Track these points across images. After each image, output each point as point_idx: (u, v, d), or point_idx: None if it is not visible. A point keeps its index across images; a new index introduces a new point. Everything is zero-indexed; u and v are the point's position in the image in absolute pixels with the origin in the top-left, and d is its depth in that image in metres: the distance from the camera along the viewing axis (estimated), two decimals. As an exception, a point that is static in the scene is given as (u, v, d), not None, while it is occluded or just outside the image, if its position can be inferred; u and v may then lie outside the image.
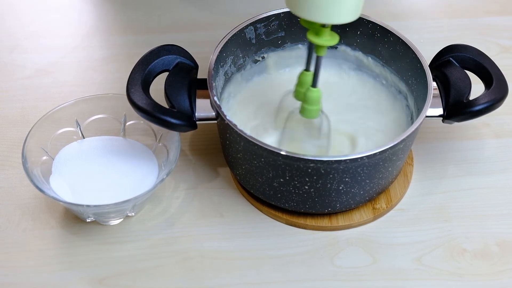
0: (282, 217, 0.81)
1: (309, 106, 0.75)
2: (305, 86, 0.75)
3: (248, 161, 0.76)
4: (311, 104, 0.75)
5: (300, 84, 0.77)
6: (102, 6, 1.11)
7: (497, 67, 0.81)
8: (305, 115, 0.76)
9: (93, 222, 0.79)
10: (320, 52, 0.71)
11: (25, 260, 0.77)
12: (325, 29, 0.70)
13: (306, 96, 0.74)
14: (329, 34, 0.70)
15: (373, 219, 0.81)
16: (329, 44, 0.70)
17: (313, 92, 0.74)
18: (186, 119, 0.76)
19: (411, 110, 0.83)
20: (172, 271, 0.76)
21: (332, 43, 0.70)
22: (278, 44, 0.88)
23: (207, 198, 0.83)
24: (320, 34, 0.70)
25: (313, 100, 0.74)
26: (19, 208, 0.81)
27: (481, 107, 0.77)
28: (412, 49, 0.81)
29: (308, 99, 0.74)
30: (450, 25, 1.08)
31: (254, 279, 0.76)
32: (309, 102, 0.75)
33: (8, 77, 0.98)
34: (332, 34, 0.71)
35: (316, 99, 0.74)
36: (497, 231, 0.80)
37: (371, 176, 0.75)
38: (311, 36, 0.70)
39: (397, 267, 0.77)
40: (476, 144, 0.90)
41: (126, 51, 1.02)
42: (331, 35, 0.70)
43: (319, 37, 0.70)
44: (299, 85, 0.77)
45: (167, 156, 0.80)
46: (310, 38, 0.70)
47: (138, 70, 0.78)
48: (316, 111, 0.75)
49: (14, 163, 0.85)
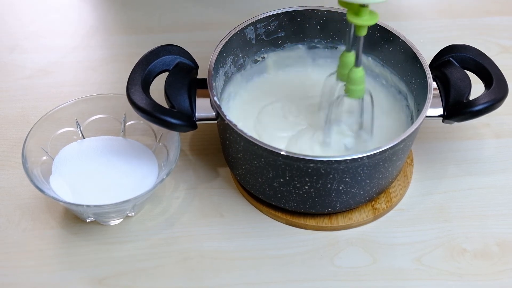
0: (282, 217, 0.81)
1: (354, 86, 0.75)
2: (347, 67, 0.76)
3: (248, 161, 0.76)
4: (356, 84, 0.75)
5: (342, 65, 0.77)
6: (102, 6, 1.11)
7: (497, 67, 0.81)
8: (351, 95, 0.76)
9: (93, 222, 0.79)
10: (360, 32, 0.71)
11: (25, 260, 0.77)
12: (364, 8, 0.69)
13: (350, 77, 0.75)
14: (369, 13, 0.70)
15: (373, 219, 0.81)
16: (369, 23, 0.70)
17: (357, 72, 0.74)
18: (186, 119, 0.76)
19: (411, 110, 0.83)
20: (172, 271, 0.76)
21: (372, 23, 0.70)
22: (278, 44, 0.88)
23: (207, 198, 0.83)
24: (360, 14, 0.70)
25: (358, 80, 0.75)
26: (19, 208, 0.81)
27: (481, 107, 0.77)
28: (412, 49, 0.81)
29: (352, 79, 0.75)
30: (450, 25, 1.08)
31: (254, 279, 0.76)
32: (353, 82, 0.75)
33: (8, 77, 0.98)
34: (372, 13, 0.70)
35: (360, 79, 0.75)
36: (497, 231, 0.80)
37: (371, 176, 0.75)
38: (351, 16, 0.70)
39: (397, 267, 0.77)
40: (476, 144, 0.90)
41: (126, 51, 1.02)
42: (370, 14, 0.70)
43: (359, 17, 0.70)
44: (341, 67, 0.77)
45: (167, 156, 0.80)
46: (349, 18, 0.70)
47: (138, 70, 0.78)
48: (362, 90, 0.76)
49: (14, 163, 0.85)
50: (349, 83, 0.75)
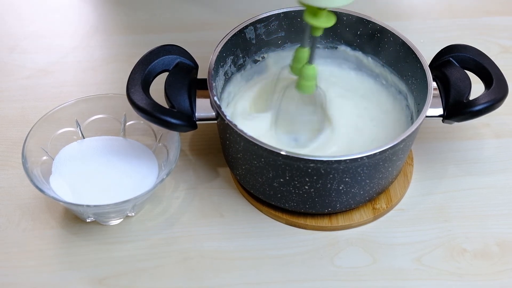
0: (282, 217, 0.81)
1: (305, 81, 0.76)
2: (301, 62, 0.77)
3: (248, 161, 0.76)
4: (307, 80, 0.76)
5: (296, 60, 0.78)
6: (102, 6, 1.11)
7: (497, 67, 0.81)
8: (302, 90, 0.77)
9: (93, 222, 0.79)
10: (316, 33, 0.72)
11: (25, 260, 0.77)
12: (322, 10, 0.70)
13: (302, 72, 0.76)
14: (326, 15, 0.71)
15: (373, 219, 0.81)
16: (325, 26, 0.71)
17: (309, 69, 0.76)
18: (186, 119, 0.76)
19: (411, 110, 0.83)
20: (172, 271, 0.76)
21: (328, 25, 0.71)
22: (278, 44, 0.88)
23: (207, 198, 0.83)
24: (317, 15, 0.70)
25: (309, 76, 0.76)
26: (19, 208, 0.81)
27: (481, 107, 0.77)
28: (412, 49, 0.81)
29: (304, 75, 0.76)
30: (450, 25, 1.08)
31: (254, 279, 0.76)
32: (305, 78, 0.76)
33: (8, 77, 0.98)
34: (329, 16, 0.71)
35: (312, 75, 0.76)
36: (497, 231, 0.80)
37: (371, 176, 0.75)
38: (308, 17, 0.71)
39: (397, 267, 0.77)
40: (476, 144, 0.90)
41: (126, 51, 1.02)
42: (327, 16, 0.71)
43: (316, 19, 0.71)
44: (295, 61, 0.78)
45: (167, 156, 0.80)
46: (306, 19, 0.71)
47: (138, 70, 0.78)
48: (312, 86, 0.77)
49: (14, 163, 0.85)
50: (301, 78, 0.76)
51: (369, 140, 0.81)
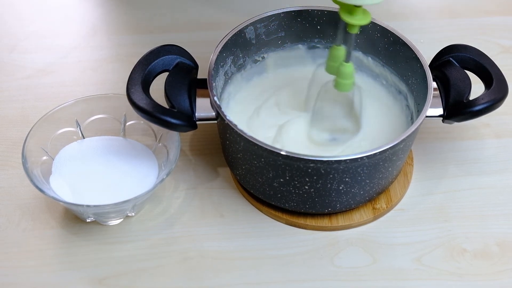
0: (282, 217, 0.81)
1: (343, 80, 0.76)
2: (337, 60, 0.77)
3: (248, 161, 0.76)
4: (345, 78, 0.76)
5: (331, 58, 0.78)
6: (102, 6, 1.11)
7: (497, 67, 0.81)
8: (340, 88, 0.77)
9: (93, 222, 0.79)
10: (352, 30, 0.73)
11: (25, 260, 0.77)
12: (358, 8, 0.70)
13: (340, 71, 0.76)
14: (362, 12, 0.71)
15: (373, 219, 0.81)
16: (362, 23, 0.71)
17: (347, 67, 0.75)
18: (186, 119, 0.76)
19: (411, 110, 0.83)
20: (172, 271, 0.76)
21: (365, 22, 0.71)
22: (278, 44, 0.88)
23: (207, 198, 0.83)
24: (353, 12, 0.71)
25: (347, 74, 0.76)
26: (19, 208, 0.81)
27: (481, 107, 0.77)
28: (412, 49, 0.81)
29: (342, 73, 0.76)
30: (450, 25, 1.08)
31: (254, 279, 0.76)
32: (343, 76, 0.76)
33: (8, 77, 0.98)
34: (365, 13, 0.71)
35: (349, 73, 0.76)
36: (497, 231, 0.80)
37: (371, 176, 0.75)
38: (344, 14, 0.71)
39: (397, 267, 0.77)
40: (476, 144, 0.90)
41: (126, 51, 1.02)
42: (363, 13, 0.71)
43: (352, 16, 0.71)
44: (331, 59, 0.78)
45: (167, 156, 0.80)
46: (343, 16, 0.71)
47: (138, 70, 0.78)
48: (350, 84, 0.77)
49: (14, 163, 0.85)
50: (339, 76, 0.76)
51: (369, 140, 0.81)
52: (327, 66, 0.79)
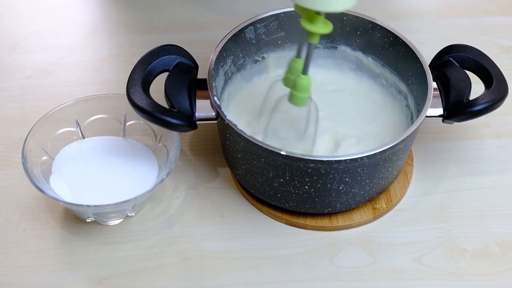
0: (282, 217, 0.81)
1: (298, 93, 0.74)
2: (295, 73, 0.75)
3: (248, 161, 0.76)
4: (300, 91, 0.74)
5: (290, 71, 0.76)
6: (102, 6, 1.11)
7: (497, 67, 0.81)
8: (294, 102, 0.75)
9: (93, 222, 0.79)
10: (312, 39, 0.71)
11: (25, 260, 0.77)
12: (319, 16, 0.69)
13: (296, 83, 0.74)
14: (323, 21, 0.70)
15: (373, 219, 0.81)
16: (323, 32, 0.70)
17: (303, 80, 0.73)
18: (186, 119, 0.76)
19: (411, 110, 0.83)
20: (172, 271, 0.76)
21: (326, 31, 0.70)
22: (278, 44, 0.88)
23: (207, 198, 0.83)
24: (314, 21, 0.70)
25: (303, 87, 0.74)
26: (19, 208, 0.81)
27: (481, 107, 0.77)
28: (412, 49, 0.81)
29: (298, 86, 0.74)
30: (450, 25, 1.08)
31: (254, 279, 0.76)
32: (298, 89, 0.74)
33: (8, 77, 0.98)
34: (326, 22, 0.70)
35: (306, 87, 0.74)
36: (497, 231, 0.80)
37: (371, 176, 0.75)
38: (305, 23, 0.70)
39: (397, 267, 0.77)
40: (476, 144, 0.90)
41: (126, 51, 1.02)
42: (325, 22, 0.70)
43: (313, 24, 0.70)
44: (289, 72, 0.76)
45: (167, 156, 0.80)
46: (303, 25, 0.70)
47: (138, 70, 0.78)
48: (305, 98, 0.75)
49: (14, 163, 0.85)
50: (294, 89, 0.74)
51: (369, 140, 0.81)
52: (285, 79, 0.77)
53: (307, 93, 0.75)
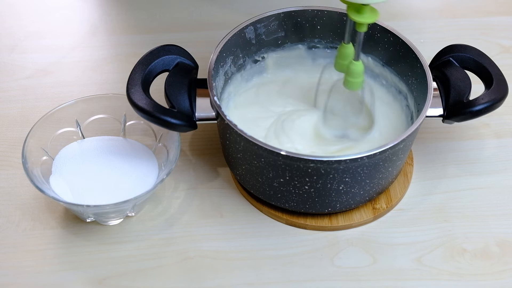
0: (282, 217, 0.81)
1: (352, 78, 0.76)
2: (346, 58, 0.77)
3: (248, 161, 0.76)
4: (354, 77, 0.76)
5: (340, 56, 0.78)
6: (102, 6, 1.11)
7: (497, 67, 0.81)
8: (349, 86, 0.77)
9: (93, 222, 0.79)
10: (360, 28, 0.72)
11: (25, 260, 0.77)
12: (365, 6, 0.70)
13: (349, 69, 0.76)
14: (370, 10, 0.71)
15: (373, 219, 0.81)
16: (370, 21, 0.71)
17: (356, 66, 0.75)
18: (186, 119, 0.76)
19: (411, 110, 0.83)
20: (172, 271, 0.76)
21: (373, 20, 0.71)
22: (278, 44, 0.88)
23: (207, 198, 0.83)
24: (361, 11, 0.71)
25: (356, 72, 0.76)
26: (19, 208, 0.81)
27: (481, 107, 0.77)
28: (412, 49, 0.81)
29: (351, 72, 0.76)
30: (450, 25, 1.08)
31: (254, 279, 0.76)
32: (352, 75, 0.76)
33: (8, 77, 0.98)
34: (373, 11, 0.71)
35: (359, 72, 0.76)
36: (497, 231, 0.80)
37: (371, 176, 0.75)
38: (352, 13, 0.71)
39: (397, 267, 0.77)
40: (476, 144, 0.90)
41: (126, 51, 1.02)
42: (371, 11, 0.71)
43: (360, 15, 0.71)
44: (340, 57, 0.78)
45: (167, 156, 0.80)
46: (350, 15, 0.71)
47: (138, 70, 0.78)
48: (360, 83, 0.77)
49: (14, 163, 0.85)
50: (348, 75, 0.76)
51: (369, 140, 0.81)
52: (336, 63, 0.79)
53: (360, 77, 0.76)
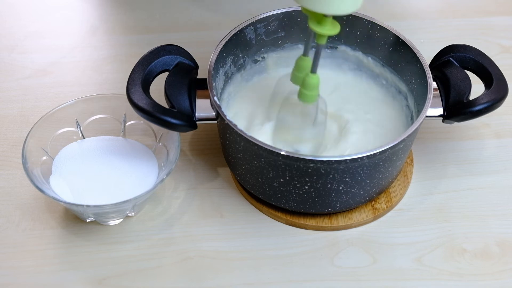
0: (282, 217, 0.81)
1: (307, 91, 0.75)
2: (303, 70, 0.75)
3: (248, 161, 0.76)
4: (309, 90, 0.74)
5: (297, 68, 0.76)
6: (102, 6, 1.11)
7: (497, 67, 0.81)
8: (303, 99, 0.75)
9: (93, 222, 0.79)
10: (320, 41, 0.71)
11: (25, 260, 0.77)
12: (327, 18, 0.69)
13: (305, 82, 0.74)
14: (331, 23, 0.70)
15: (373, 219, 0.81)
16: (330, 34, 0.70)
17: (312, 79, 0.74)
18: (186, 119, 0.76)
19: (411, 110, 0.83)
20: (172, 271, 0.76)
21: (333, 33, 0.70)
22: (278, 44, 0.88)
23: (207, 198, 0.83)
24: (322, 23, 0.69)
25: (312, 85, 0.74)
26: (19, 209, 0.81)
27: (481, 107, 0.77)
28: (412, 49, 0.81)
29: (307, 84, 0.74)
30: (450, 25, 1.08)
31: (254, 279, 0.76)
32: (307, 88, 0.74)
33: (8, 77, 0.98)
34: (334, 24, 0.70)
35: (314, 85, 0.74)
36: (497, 231, 0.80)
37: (371, 176, 0.75)
38: (313, 24, 0.70)
39: (397, 267, 0.77)
40: (476, 144, 0.90)
41: (126, 51, 1.02)
42: (332, 24, 0.70)
43: (321, 26, 0.69)
44: (297, 70, 0.76)
45: (167, 156, 0.80)
46: (311, 26, 0.70)
47: (138, 70, 0.78)
48: (315, 96, 0.75)
49: (14, 163, 0.85)
50: (303, 87, 0.75)
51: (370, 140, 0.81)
52: (292, 76, 0.77)
53: (316, 91, 0.75)
